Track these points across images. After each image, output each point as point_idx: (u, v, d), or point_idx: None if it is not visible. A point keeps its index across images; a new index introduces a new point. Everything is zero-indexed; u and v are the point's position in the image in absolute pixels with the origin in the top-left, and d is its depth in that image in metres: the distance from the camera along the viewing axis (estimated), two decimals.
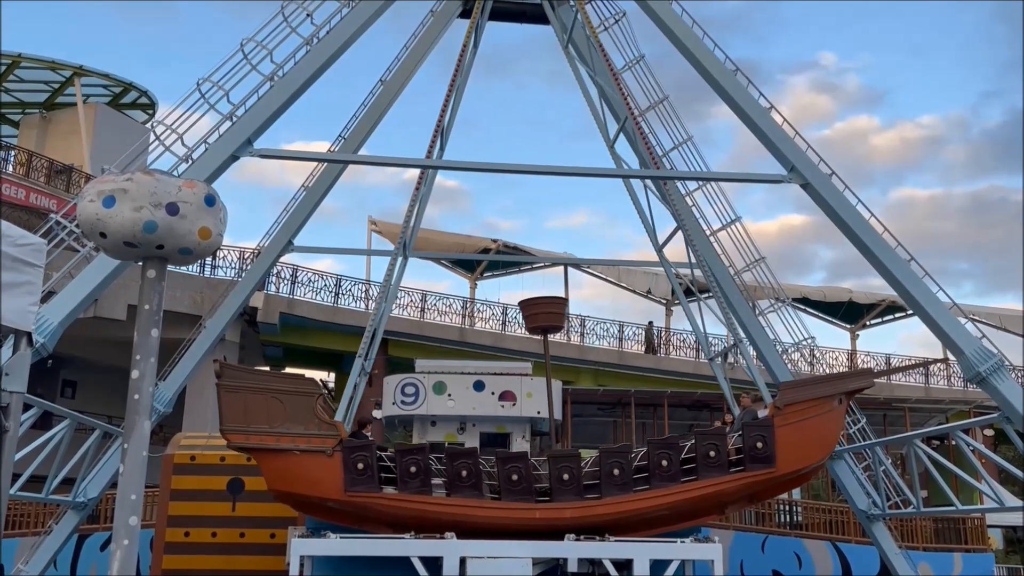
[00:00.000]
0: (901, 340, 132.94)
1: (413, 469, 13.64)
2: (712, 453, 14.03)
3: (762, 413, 14.81)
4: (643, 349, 36.37)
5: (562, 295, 17.17)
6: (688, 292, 19.89)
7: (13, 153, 33.75)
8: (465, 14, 18.72)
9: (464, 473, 13.73)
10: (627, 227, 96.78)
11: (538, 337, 18.90)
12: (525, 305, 17.29)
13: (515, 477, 13.78)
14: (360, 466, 13.44)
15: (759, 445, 13.98)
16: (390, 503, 13.63)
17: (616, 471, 13.95)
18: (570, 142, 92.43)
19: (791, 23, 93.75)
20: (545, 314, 16.65)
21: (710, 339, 20.26)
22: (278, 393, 13.46)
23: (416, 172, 18.01)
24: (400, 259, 18.01)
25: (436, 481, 13.94)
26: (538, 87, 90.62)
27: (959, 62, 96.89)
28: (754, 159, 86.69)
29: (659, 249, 19.91)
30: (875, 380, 16.25)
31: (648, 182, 18.69)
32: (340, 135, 18.40)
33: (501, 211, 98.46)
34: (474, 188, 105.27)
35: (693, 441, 14.25)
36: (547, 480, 14.02)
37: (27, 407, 12.38)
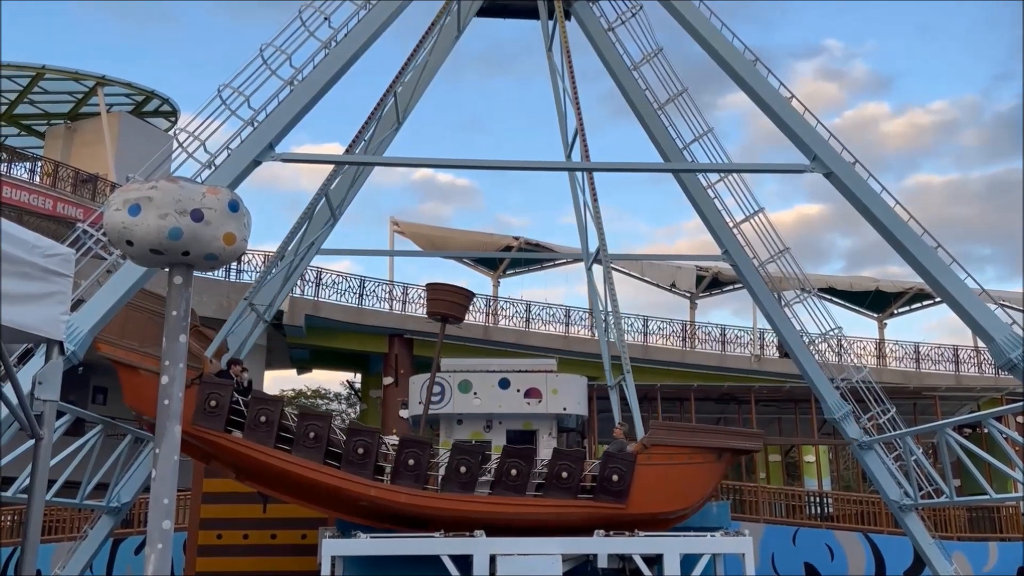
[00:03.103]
0: (930, 328, 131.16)
1: (263, 419, 13.52)
2: (564, 474, 13.68)
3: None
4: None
5: (471, 290, 16.87)
6: (716, 282, 19.86)
7: (40, 164, 34.19)
8: (483, 12, 18.79)
9: (312, 435, 13.60)
10: (639, 221, 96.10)
11: (560, 333, 18.91)
12: (431, 288, 16.91)
13: (361, 451, 13.65)
14: (212, 403, 13.39)
15: (614, 478, 13.59)
16: (231, 445, 13.55)
17: (462, 469, 13.77)
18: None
19: (794, 9, 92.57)
20: (448, 302, 16.37)
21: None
22: (155, 315, 13.29)
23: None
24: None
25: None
26: (540, 84, 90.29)
27: (967, 45, 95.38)
28: (764, 149, 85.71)
29: (588, 267, 20.15)
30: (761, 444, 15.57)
31: (588, 204, 18.98)
32: (360, 137, 18.45)
33: (513, 208, 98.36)
34: (485, 185, 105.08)
35: (549, 457, 14.04)
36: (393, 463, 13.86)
37: (60, 414, 12.54)
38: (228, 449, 13.63)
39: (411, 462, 13.68)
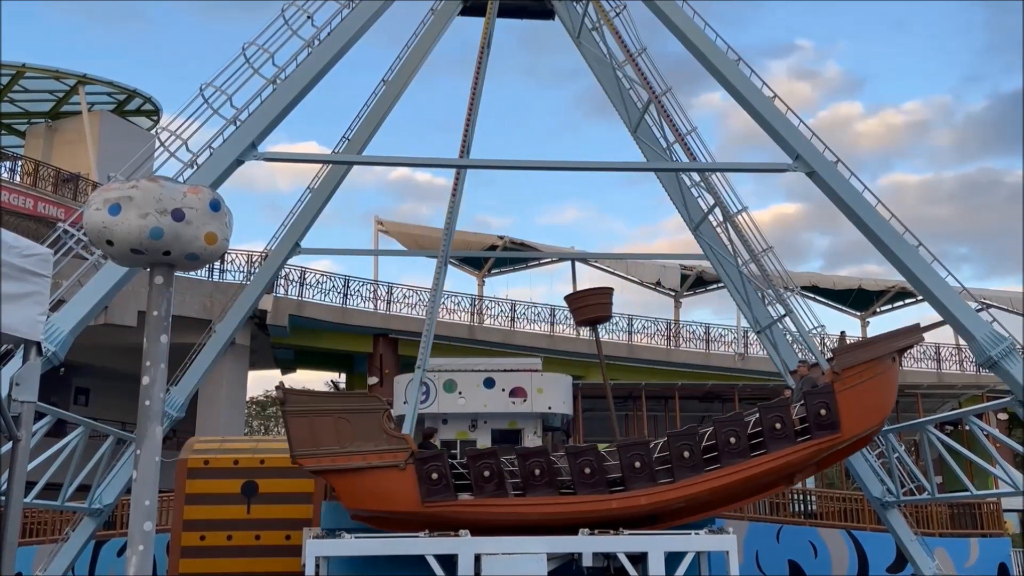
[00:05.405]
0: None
1: (487, 473, 13.69)
2: (778, 425, 14.06)
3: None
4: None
5: (608, 287, 16.92)
6: (701, 281, 19.71)
7: (20, 163, 33.90)
8: (466, 12, 18.65)
9: (537, 472, 13.82)
10: (618, 221, 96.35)
11: (545, 332, 18.86)
12: (572, 299, 17.11)
13: (588, 471, 13.89)
14: (435, 476, 13.50)
15: (823, 412, 14.01)
16: (466, 509, 13.68)
17: (686, 453, 14.00)
18: (557, 137, 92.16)
19: (766, 7, 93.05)
20: (593, 305, 16.51)
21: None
22: (345, 413, 13.49)
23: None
24: (443, 265, 18.36)
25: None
26: (515, 84, 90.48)
27: (938, 48, 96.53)
28: (737, 150, 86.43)
29: (695, 229, 19.14)
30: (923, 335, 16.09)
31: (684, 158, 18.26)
32: (344, 136, 18.41)
33: (491, 209, 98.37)
34: (464, 185, 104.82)
35: (758, 415, 14.24)
36: (619, 471, 14.09)
37: (41, 415, 12.44)
38: (465, 514, 13.69)
39: (637, 464, 13.93)
